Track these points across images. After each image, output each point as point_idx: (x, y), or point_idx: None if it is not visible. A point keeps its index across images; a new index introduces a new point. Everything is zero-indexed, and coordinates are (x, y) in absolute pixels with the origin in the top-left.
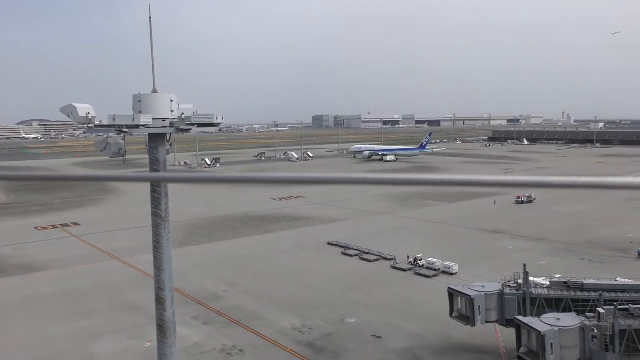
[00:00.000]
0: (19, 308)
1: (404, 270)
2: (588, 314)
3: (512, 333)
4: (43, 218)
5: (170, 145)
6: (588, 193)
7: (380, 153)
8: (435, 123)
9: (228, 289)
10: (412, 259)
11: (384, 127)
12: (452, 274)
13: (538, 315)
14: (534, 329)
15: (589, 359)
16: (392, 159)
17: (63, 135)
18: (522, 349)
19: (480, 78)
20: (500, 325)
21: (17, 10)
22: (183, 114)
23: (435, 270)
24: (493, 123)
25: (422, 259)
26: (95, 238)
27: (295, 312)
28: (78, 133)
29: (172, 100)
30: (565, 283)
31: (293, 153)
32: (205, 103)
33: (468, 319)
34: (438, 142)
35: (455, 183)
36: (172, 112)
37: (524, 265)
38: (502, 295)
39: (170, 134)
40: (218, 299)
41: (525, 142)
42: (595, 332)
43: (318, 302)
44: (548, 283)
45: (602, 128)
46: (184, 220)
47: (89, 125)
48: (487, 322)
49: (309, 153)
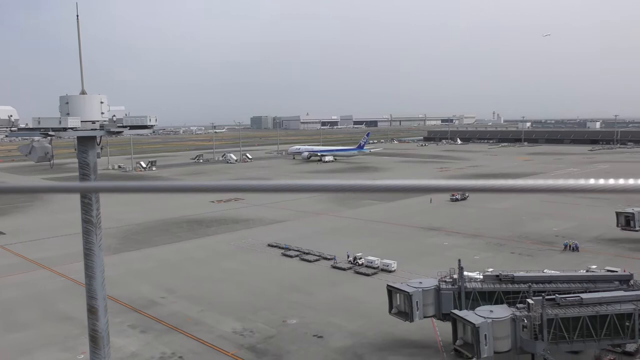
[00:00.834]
0: None
1: (344, 270)
2: (518, 305)
3: (448, 326)
4: None
5: (101, 149)
6: None
7: (319, 154)
8: (373, 123)
9: (166, 295)
10: (351, 258)
11: (323, 127)
12: (391, 272)
13: (472, 309)
14: (469, 322)
15: (520, 348)
16: (330, 160)
17: None
18: (458, 342)
19: (417, 80)
20: (438, 320)
21: None
22: (114, 116)
23: (375, 269)
24: (428, 123)
25: (361, 258)
26: (23, 247)
27: (236, 315)
28: (0, 137)
29: (102, 102)
30: (497, 276)
31: (232, 155)
32: (140, 105)
33: (407, 315)
34: (375, 142)
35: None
36: (102, 114)
37: (459, 261)
38: (438, 291)
39: (101, 137)
40: (155, 306)
41: (459, 141)
42: (525, 322)
43: (259, 304)
44: (481, 277)
45: (529, 127)
46: (118, 226)
47: (12, 129)
48: (424, 317)
49: (248, 155)
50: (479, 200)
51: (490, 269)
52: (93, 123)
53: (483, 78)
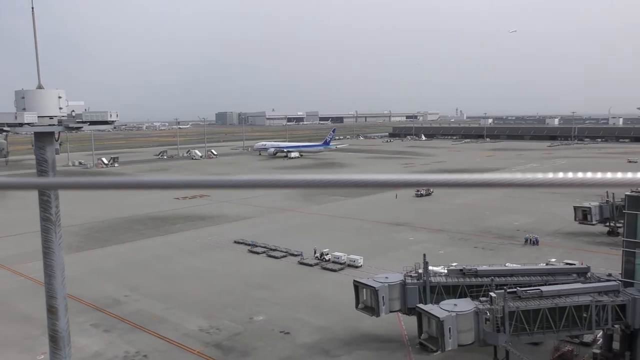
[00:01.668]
0: None
1: (311, 266)
2: (481, 299)
3: (414, 321)
4: None
5: (60, 145)
6: None
7: (285, 150)
8: (339, 120)
9: (130, 293)
10: (318, 254)
11: (289, 123)
12: (357, 267)
13: (437, 302)
14: (434, 316)
15: (483, 341)
16: (296, 156)
17: None
18: (423, 335)
19: (380, 78)
20: (403, 314)
21: None
22: (73, 111)
23: (341, 264)
24: (393, 119)
25: (328, 254)
26: None
27: (202, 313)
28: None
29: (60, 97)
30: (461, 270)
31: (196, 151)
32: (101, 100)
33: (373, 310)
34: (341, 138)
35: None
36: (60, 109)
37: (424, 256)
38: (404, 285)
39: (59, 133)
40: (119, 305)
41: (423, 137)
42: (488, 315)
43: (225, 301)
44: (446, 271)
45: (491, 124)
46: (80, 224)
47: None
48: (390, 311)
49: (213, 151)
50: (443, 196)
51: (454, 264)
52: (51, 118)
53: (446, 77)
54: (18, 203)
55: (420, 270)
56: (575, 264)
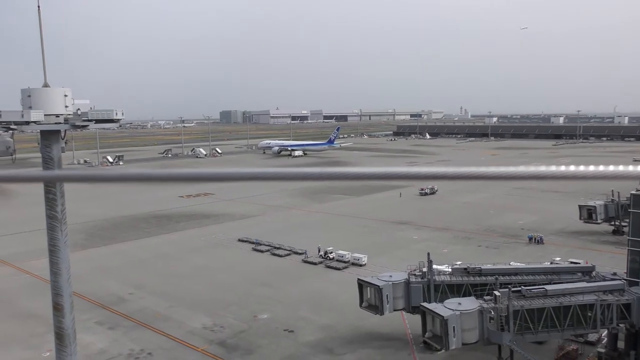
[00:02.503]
0: None
1: (315, 264)
2: (486, 297)
3: (418, 319)
4: None
5: (66, 143)
6: (483, 182)
7: (290, 148)
8: (343, 118)
9: (134, 291)
10: (322, 252)
11: (293, 122)
12: (361, 265)
13: (441, 301)
14: (438, 314)
15: (487, 339)
16: (299, 154)
17: None
18: (427, 334)
19: (384, 78)
20: (407, 313)
21: None
22: (79, 110)
23: (345, 263)
24: (397, 118)
25: (332, 252)
26: None
27: (206, 311)
28: None
29: (66, 95)
30: (465, 269)
31: (201, 149)
32: (106, 99)
33: (377, 308)
34: (345, 136)
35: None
36: (66, 107)
37: (428, 254)
38: (408, 284)
39: (65, 131)
40: (124, 302)
41: (428, 136)
42: (492, 313)
43: (229, 299)
44: (450, 270)
45: (495, 122)
46: (85, 222)
47: None
48: (394, 310)
49: (218, 149)
50: (447, 194)
51: (459, 262)
52: (57, 117)
53: (451, 75)
54: (23, 201)
55: (425, 269)
56: (580, 263)
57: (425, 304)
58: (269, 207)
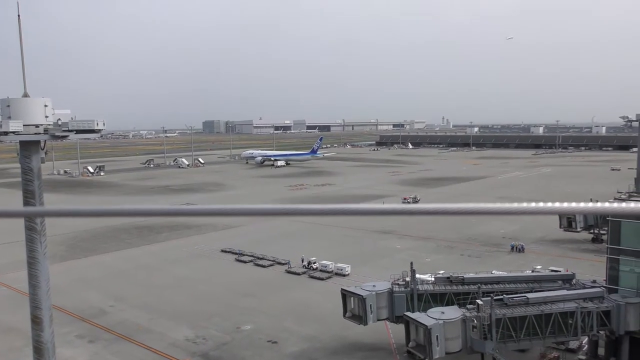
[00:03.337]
0: None
1: (299, 274)
2: (468, 306)
3: (401, 329)
4: None
5: (46, 153)
6: (468, 191)
7: (273, 158)
8: (326, 128)
9: (115, 304)
10: (306, 263)
11: (276, 132)
12: (345, 275)
13: (425, 310)
14: (421, 324)
15: (470, 348)
16: (282, 164)
17: None
18: (411, 344)
19: (367, 88)
20: (391, 322)
21: None
22: (59, 120)
23: (329, 273)
24: (380, 128)
25: (315, 262)
26: None
27: (189, 322)
28: None
29: (46, 105)
30: (448, 278)
31: (183, 159)
32: (87, 109)
33: (361, 318)
34: (329, 146)
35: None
36: (46, 117)
37: (411, 264)
38: (391, 294)
39: (45, 141)
40: (104, 315)
41: (410, 146)
42: (475, 322)
43: (212, 311)
44: (433, 279)
45: (476, 132)
46: (65, 233)
47: None
48: (378, 320)
49: (200, 159)
50: (429, 204)
51: (441, 271)
52: (36, 127)
53: (433, 86)
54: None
55: (408, 278)
56: (561, 271)
57: (409, 314)
58: (252, 217)
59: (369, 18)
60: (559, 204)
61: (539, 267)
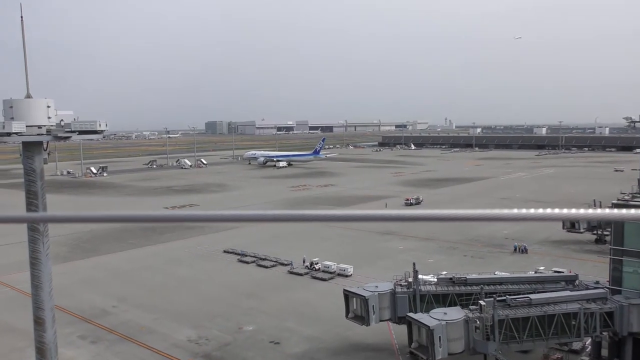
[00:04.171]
0: None
1: (301, 275)
2: (471, 307)
3: (404, 330)
4: None
5: (49, 154)
6: (471, 192)
7: (275, 159)
8: (328, 129)
9: (118, 304)
10: (308, 263)
11: (279, 133)
12: (347, 276)
13: (427, 311)
14: (424, 324)
15: (473, 349)
16: (284, 165)
17: None
18: (413, 344)
19: (370, 87)
20: (393, 323)
21: None
22: (62, 121)
23: (331, 273)
24: (382, 129)
25: (318, 263)
26: None
27: (191, 323)
28: None
29: (49, 106)
30: (451, 279)
31: (186, 160)
32: (90, 109)
33: (363, 319)
34: (331, 147)
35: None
36: (49, 118)
37: (414, 264)
38: (394, 294)
39: (48, 142)
40: (107, 315)
41: (413, 146)
42: (478, 323)
43: (214, 311)
44: (435, 280)
45: (479, 133)
46: (67, 233)
47: None
48: (380, 320)
49: (203, 160)
50: (432, 205)
51: (444, 272)
52: (39, 128)
53: (435, 86)
54: (3, 211)
55: (410, 279)
56: (564, 272)
57: (411, 314)
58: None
59: (370, 17)
60: (567, 210)
61: (542, 268)
